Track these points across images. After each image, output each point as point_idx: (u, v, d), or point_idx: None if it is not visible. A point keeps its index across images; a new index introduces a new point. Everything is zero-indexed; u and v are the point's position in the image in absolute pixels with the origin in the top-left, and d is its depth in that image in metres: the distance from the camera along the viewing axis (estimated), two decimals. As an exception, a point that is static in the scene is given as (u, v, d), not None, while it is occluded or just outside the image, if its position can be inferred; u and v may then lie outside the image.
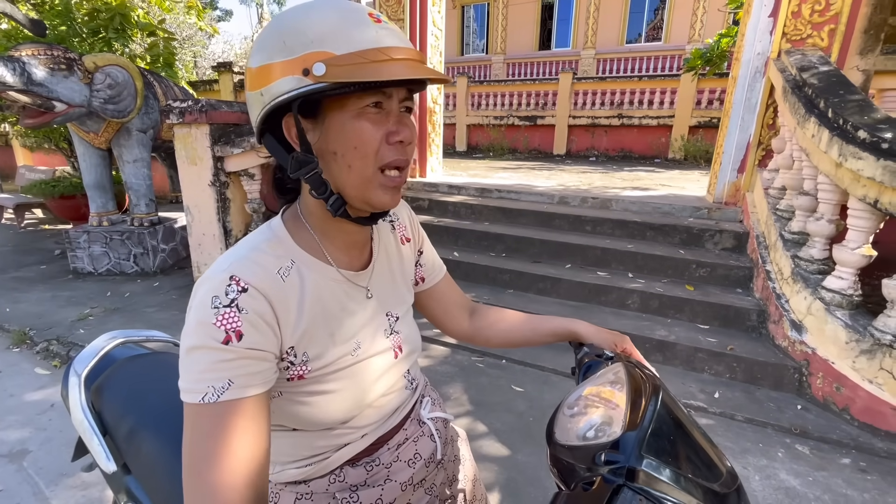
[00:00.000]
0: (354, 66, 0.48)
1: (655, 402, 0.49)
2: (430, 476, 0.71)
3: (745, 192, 3.32)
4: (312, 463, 0.63)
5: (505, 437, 1.96)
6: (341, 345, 0.60)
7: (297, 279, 0.57)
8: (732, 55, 5.07)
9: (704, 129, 7.93)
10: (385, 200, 0.56)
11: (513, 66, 13.38)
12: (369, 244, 0.69)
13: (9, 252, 4.55)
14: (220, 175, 3.40)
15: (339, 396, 0.60)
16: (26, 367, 2.50)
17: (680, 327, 2.64)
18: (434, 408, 0.77)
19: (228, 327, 0.49)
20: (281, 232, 0.60)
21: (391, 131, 0.54)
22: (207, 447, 0.47)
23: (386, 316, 0.68)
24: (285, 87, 0.50)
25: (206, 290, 0.50)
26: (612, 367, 0.60)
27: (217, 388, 0.48)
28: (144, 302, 3.33)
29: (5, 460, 1.81)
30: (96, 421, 0.85)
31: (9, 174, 7.66)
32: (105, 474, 0.84)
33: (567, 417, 0.55)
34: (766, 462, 1.81)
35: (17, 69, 2.92)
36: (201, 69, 12.90)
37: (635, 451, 0.43)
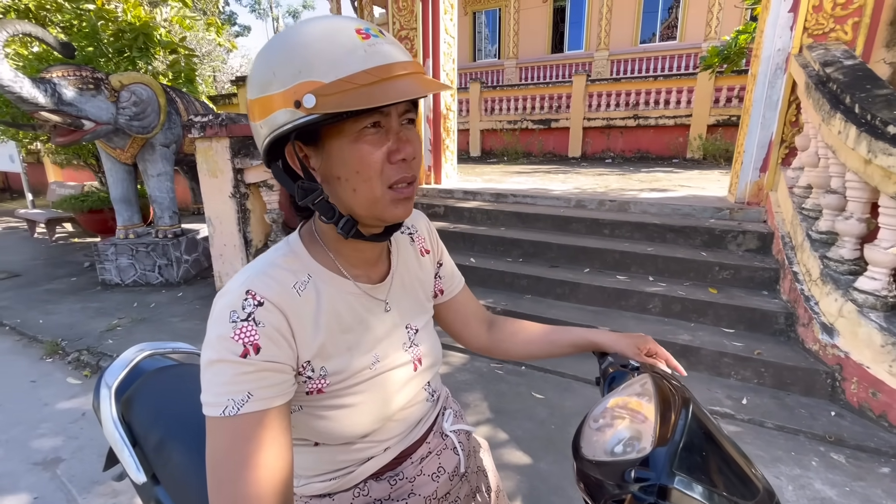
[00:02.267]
0: (344, 93, 0.47)
1: (686, 416, 0.48)
2: (454, 490, 0.70)
3: (768, 191, 3.24)
4: (336, 477, 0.63)
5: (526, 445, 1.93)
6: (359, 358, 0.60)
7: (314, 293, 0.57)
8: (751, 52, 4.96)
9: (723, 127, 7.77)
10: (398, 213, 0.56)
11: (525, 70, 13.36)
12: (386, 257, 0.69)
13: (41, 265, 4.73)
14: (240, 186, 3.48)
15: (360, 410, 0.60)
16: (59, 377, 2.58)
17: (704, 331, 2.57)
18: (456, 420, 0.77)
19: (246, 341, 0.49)
20: (298, 247, 0.60)
21: (392, 150, 0.52)
22: (231, 459, 0.48)
23: (405, 329, 0.68)
24: (281, 120, 0.50)
25: (223, 304, 0.51)
26: (638, 378, 0.59)
27: (237, 401, 0.48)
28: (169, 312, 3.41)
29: (40, 468, 1.87)
30: (126, 432, 0.87)
31: (41, 190, 7.98)
32: (135, 485, 0.86)
33: (593, 430, 0.54)
34: (799, 471, 1.75)
35: (48, 90, 3.05)
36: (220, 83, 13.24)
37: (666, 468, 0.42)
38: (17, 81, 2.87)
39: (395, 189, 0.54)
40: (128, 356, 0.96)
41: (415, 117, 0.56)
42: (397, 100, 0.47)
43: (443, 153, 4.80)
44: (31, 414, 2.24)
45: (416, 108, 0.57)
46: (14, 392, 2.43)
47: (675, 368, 0.73)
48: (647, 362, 0.72)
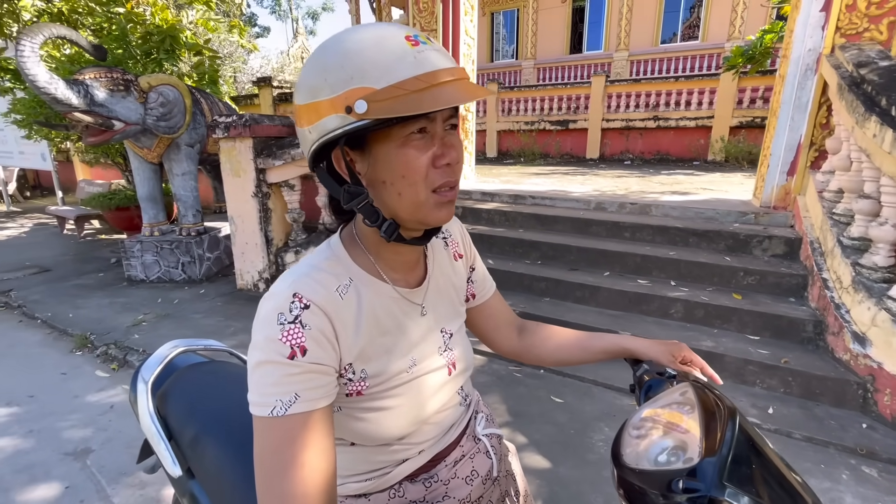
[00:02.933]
0: (394, 99, 0.47)
1: (733, 427, 0.47)
2: (486, 493, 0.71)
3: (795, 195, 3.16)
4: (373, 478, 0.63)
5: (545, 449, 1.92)
6: (397, 361, 0.61)
7: (355, 297, 0.58)
8: (777, 52, 4.84)
9: (747, 129, 7.60)
10: (440, 216, 0.56)
11: (543, 71, 13.28)
12: (423, 261, 0.69)
13: (70, 261, 4.88)
14: (262, 186, 3.54)
15: (396, 413, 0.60)
16: (88, 370, 2.66)
17: (728, 338, 2.52)
18: (488, 424, 0.77)
19: (293, 342, 0.51)
20: (339, 251, 0.61)
21: (437, 155, 0.53)
22: (278, 459, 0.49)
23: (440, 332, 0.68)
24: (331, 126, 0.50)
25: (271, 306, 0.52)
26: (678, 387, 0.58)
27: (285, 402, 0.49)
28: (192, 308, 3.49)
29: (71, 458, 1.93)
30: (162, 426, 0.90)
31: (70, 188, 8.24)
32: (171, 478, 0.88)
33: (633, 438, 0.54)
34: (829, 485, 1.70)
35: (81, 91, 3.15)
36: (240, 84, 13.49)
37: (716, 480, 0.42)
38: (53, 83, 2.97)
39: (439, 193, 0.55)
40: (163, 352, 0.99)
41: (457, 122, 0.56)
42: (445, 105, 0.48)
43: (461, 154, 4.81)
44: (62, 405, 2.31)
45: (458, 114, 0.57)
46: (46, 384, 2.51)
47: (711, 377, 0.72)
48: (683, 370, 0.71)
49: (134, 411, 0.96)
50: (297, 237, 3.73)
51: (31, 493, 1.74)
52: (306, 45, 19.38)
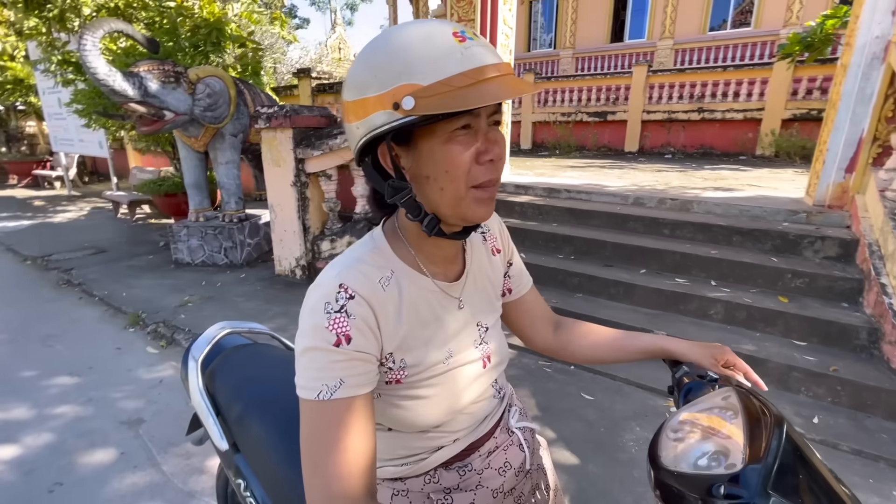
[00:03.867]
0: (441, 95, 0.48)
1: (780, 436, 0.46)
2: (519, 485, 0.72)
3: (854, 194, 2.96)
4: (409, 463, 0.66)
5: (574, 445, 1.91)
6: (434, 353, 0.62)
7: (396, 289, 0.60)
8: (839, 39, 4.51)
9: (801, 122, 7.14)
10: (480, 213, 0.57)
11: (582, 61, 12.91)
12: (462, 256, 0.71)
13: (124, 243, 5.20)
14: (300, 176, 3.64)
15: (432, 402, 0.62)
16: (139, 346, 2.85)
17: (771, 342, 2.41)
18: (522, 418, 0.78)
19: (339, 331, 0.53)
20: (381, 243, 0.63)
21: (481, 151, 0.54)
22: (324, 441, 0.51)
23: (476, 326, 0.69)
24: (378, 122, 0.51)
25: (318, 295, 0.55)
26: (720, 391, 0.57)
27: (330, 387, 0.52)
28: (233, 292, 3.65)
29: (125, 427, 2.08)
30: (210, 403, 0.96)
31: (123, 174, 8.73)
32: (218, 451, 0.94)
33: (671, 441, 0.53)
34: (878, 501, 1.61)
35: (136, 83, 3.33)
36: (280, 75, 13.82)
37: (760, 487, 0.41)
38: (111, 75, 3.15)
39: (480, 189, 0.55)
40: (211, 333, 1.05)
41: (500, 119, 0.57)
42: (491, 101, 0.49)
43: (495, 146, 4.76)
44: (116, 377, 2.49)
45: (501, 110, 0.57)
46: (103, 357, 2.71)
47: (755, 382, 0.70)
48: (726, 374, 0.69)
49: (185, 387, 1.03)
50: (332, 226, 3.82)
51: (92, 457, 1.89)
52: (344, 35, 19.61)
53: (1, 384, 2.41)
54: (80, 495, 1.69)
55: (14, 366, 2.60)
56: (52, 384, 2.42)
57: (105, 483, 1.75)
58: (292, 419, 0.87)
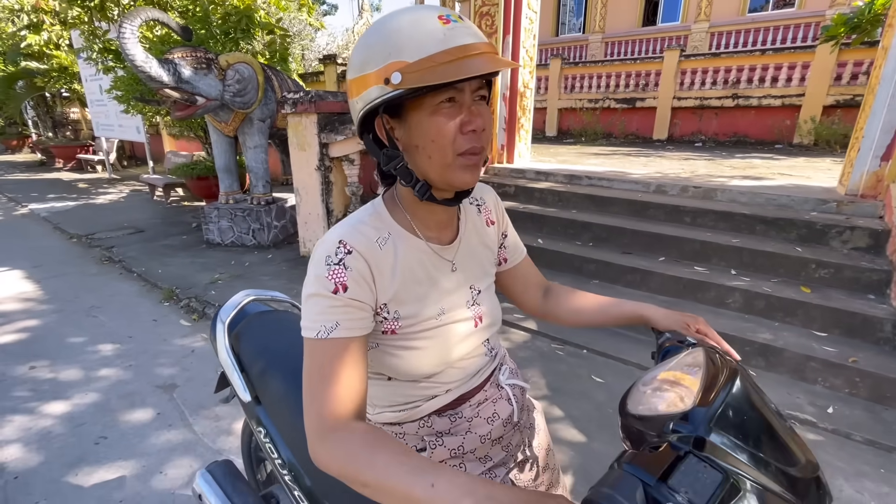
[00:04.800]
0: (425, 70, 0.54)
1: (731, 385, 0.51)
2: (506, 435, 0.78)
3: (889, 183, 2.84)
4: (405, 409, 0.73)
5: (581, 424, 1.96)
6: (427, 308, 0.69)
7: (392, 248, 0.67)
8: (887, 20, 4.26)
9: (844, 108, 6.79)
10: (466, 179, 0.63)
11: (611, 46, 12.55)
12: (456, 223, 0.77)
13: (159, 224, 5.47)
14: (324, 160, 3.75)
15: (425, 353, 0.69)
16: (174, 319, 3.04)
17: (790, 332, 2.38)
18: (512, 376, 0.84)
19: (337, 280, 0.61)
20: (381, 209, 0.70)
21: (464, 122, 0.59)
22: (320, 372, 0.60)
23: (469, 289, 0.76)
24: (373, 95, 0.58)
25: (321, 251, 0.63)
26: (691, 351, 0.62)
27: (327, 328, 0.60)
28: (260, 271, 3.82)
29: (161, 391, 2.26)
30: (236, 360, 1.06)
31: (158, 158, 9.12)
32: (242, 403, 1.04)
33: (641, 393, 0.58)
34: (887, 489, 1.61)
35: (171, 69, 3.48)
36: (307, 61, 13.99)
37: (704, 424, 0.46)
38: (148, 62, 3.31)
39: (465, 157, 0.61)
40: (237, 299, 1.15)
41: (486, 94, 0.63)
42: (469, 75, 0.54)
43: (517, 132, 4.74)
44: (153, 346, 2.67)
45: (489, 87, 0.63)
46: (141, 327, 2.91)
47: (728, 352, 0.73)
48: (703, 340, 0.73)
49: (213, 346, 1.13)
50: (354, 209, 3.92)
51: (132, 415, 2.07)
52: (371, 21, 19.60)
53: (53, 349, 2.63)
54: (121, 448, 1.86)
55: (64, 332, 2.83)
56: (97, 350, 2.62)
57: (143, 439, 1.91)
58: None
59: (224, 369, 1.09)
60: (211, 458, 1.80)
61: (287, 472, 0.93)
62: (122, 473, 1.72)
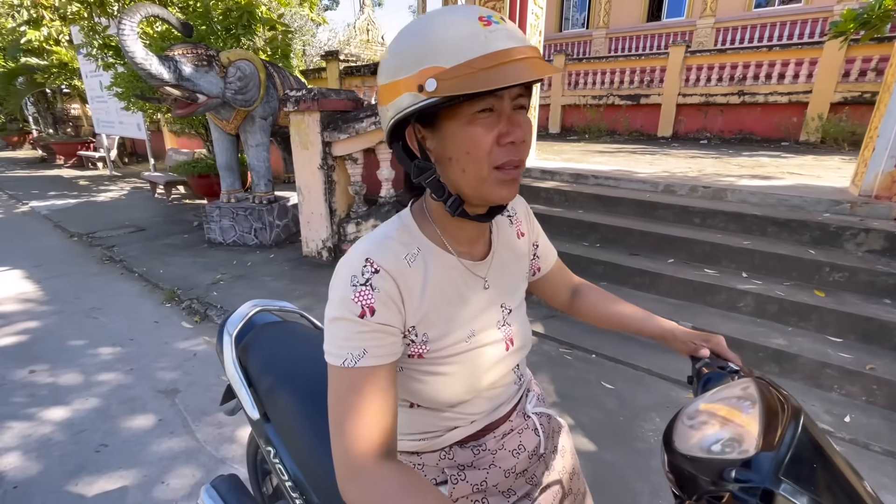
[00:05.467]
0: (462, 77, 0.49)
1: (796, 426, 0.46)
2: (531, 468, 0.74)
3: (905, 184, 2.78)
4: (426, 438, 0.69)
5: (592, 433, 1.92)
6: (457, 331, 0.64)
7: (422, 265, 0.62)
8: (900, 16, 4.18)
9: (852, 105, 6.70)
10: (502, 195, 0.58)
11: (616, 41, 12.43)
12: (488, 237, 0.72)
13: (160, 222, 5.42)
14: (327, 159, 3.69)
15: (453, 380, 0.64)
16: (175, 320, 3.00)
17: (804, 338, 2.33)
18: (538, 403, 0.80)
19: (364, 303, 0.56)
20: (409, 222, 0.65)
21: (502, 133, 0.54)
22: (347, 404, 0.55)
23: (500, 308, 0.71)
24: (405, 103, 0.53)
25: (346, 270, 0.58)
26: (739, 381, 0.57)
27: (355, 355, 0.55)
28: (262, 271, 3.77)
29: (162, 396, 2.21)
30: (243, 374, 1.01)
31: (160, 155, 9.06)
32: (250, 420, 0.99)
33: (687, 427, 0.53)
34: (909, 503, 1.56)
35: (171, 67, 3.42)
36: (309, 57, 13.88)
37: (772, 473, 0.41)
38: (148, 59, 3.25)
39: (502, 170, 0.56)
40: (244, 310, 1.10)
41: (527, 104, 0.57)
42: (510, 83, 0.49)
43: (522, 130, 4.68)
44: (155, 349, 2.63)
45: (529, 94, 0.57)
46: (142, 329, 2.87)
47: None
48: (746, 368, 0.68)
49: (219, 359, 1.09)
50: (357, 209, 3.87)
51: (133, 422, 2.02)
52: (372, 16, 19.44)
53: (53, 351, 2.59)
54: (123, 456, 1.82)
55: (64, 335, 2.79)
56: (97, 353, 2.58)
57: (145, 447, 1.87)
58: (318, 393, 0.91)
59: (231, 383, 1.05)
60: (214, 467, 1.76)
61: (297, 494, 0.89)
62: (123, 483, 1.68)
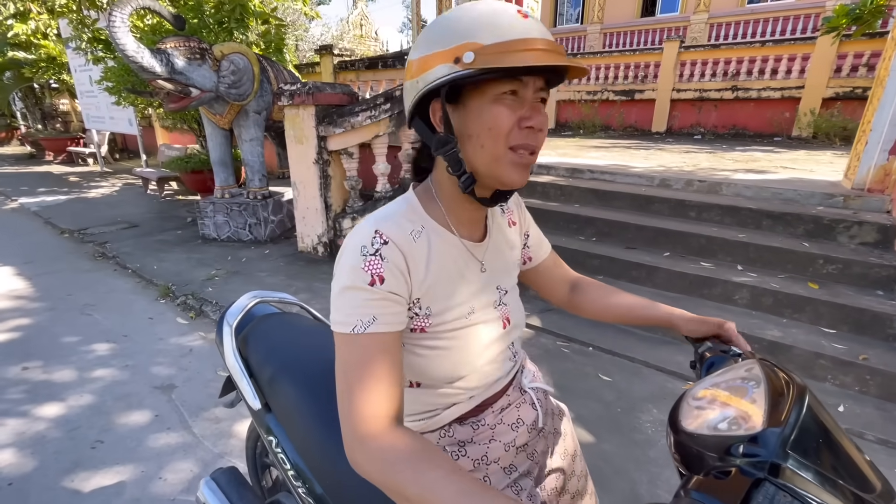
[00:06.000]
0: (498, 54, 0.53)
1: (801, 404, 0.46)
2: (531, 441, 0.76)
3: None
4: (425, 418, 0.70)
5: (590, 424, 1.93)
6: (458, 307, 0.67)
7: (426, 242, 0.65)
8: (890, 11, 4.22)
9: (844, 101, 6.76)
10: (513, 178, 0.61)
11: (610, 37, 12.44)
12: (485, 222, 0.74)
13: (154, 218, 5.37)
14: (323, 153, 3.67)
15: (454, 354, 0.66)
16: (170, 317, 2.97)
17: (798, 329, 2.36)
18: (534, 379, 0.83)
19: (374, 272, 0.58)
20: (414, 202, 0.68)
21: (524, 117, 0.58)
22: (357, 371, 0.56)
23: (496, 289, 0.74)
24: (438, 74, 0.56)
25: (356, 240, 0.60)
26: (744, 363, 0.57)
27: (364, 322, 0.57)
28: (257, 267, 3.75)
29: (158, 391, 2.20)
30: (244, 365, 1.00)
31: (152, 151, 8.96)
32: (251, 410, 0.99)
33: (693, 408, 0.54)
34: (901, 489, 1.59)
35: (163, 60, 3.38)
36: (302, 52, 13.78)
37: (778, 448, 0.42)
38: (139, 52, 3.21)
39: (517, 153, 0.59)
40: (243, 301, 1.09)
41: (546, 97, 0.61)
42: (543, 63, 0.53)
43: (518, 125, 4.68)
44: (150, 346, 2.61)
45: (548, 91, 0.61)
46: (137, 326, 2.84)
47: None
48: (748, 350, 0.69)
49: (219, 351, 1.08)
50: (353, 204, 3.86)
51: (129, 418, 2.01)
52: (366, 11, 19.33)
53: (46, 348, 2.56)
54: (119, 452, 1.80)
55: (57, 331, 2.76)
56: (92, 350, 2.56)
57: (141, 442, 1.86)
58: (319, 383, 0.91)
59: (231, 374, 1.04)
60: (212, 462, 1.75)
61: (300, 483, 0.88)
62: (120, 479, 1.67)
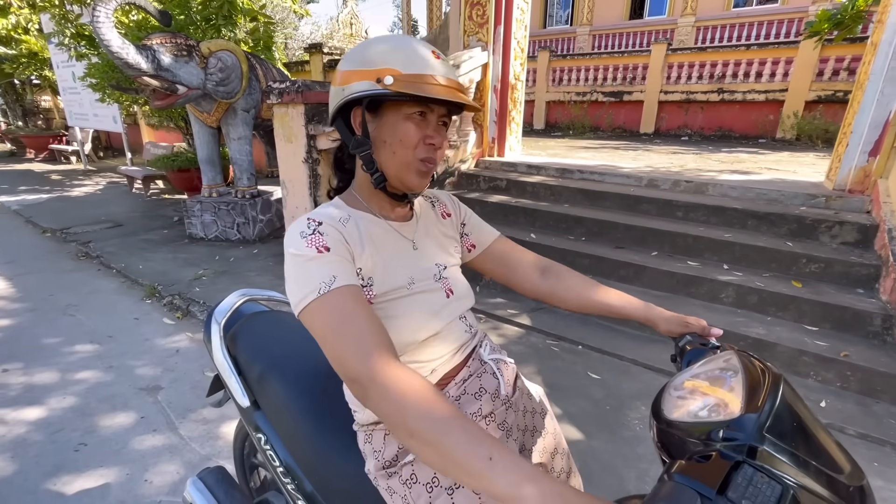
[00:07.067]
0: (413, 83, 0.66)
1: (776, 391, 0.48)
2: (498, 411, 0.78)
3: (876, 178, 2.88)
4: None
5: (579, 421, 1.95)
6: (397, 278, 0.73)
7: (355, 225, 0.73)
8: (871, 16, 4.33)
9: (826, 104, 6.92)
10: (415, 183, 0.73)
11: (599, 38, 12.56)
12: (408, 209, 0.83)
13: (139, 218, 5.28)
14: (312, 152, 3.64)
15: (405, 322, 0.71)
16: (156, 317, 2.93)
17: (782, 327, 2.40)
18: (493, 352, 0.86)
19: (317, 245, 0.65)
20: (337, 201, 0.79)
21: (428, 135, 0.71)
22: (338, 326, 0.58)
23: (435, 265, 0.80)
24: (362, 88, 0.68)
25: (293, 230, 0.67)
26: (722, 354, 0.59)
27: (327, 282, 0.62)
28: (246, 266, 3.71)
29: (144, 393, 2.16)
30: (233, 363, 0.99)
31: (137, 149, 8.82)
32: (240, 408, 0.98)
33: (675, 398, 0.55)
34: (882, 483, 1.63)
35: (149, 56, 3.32)
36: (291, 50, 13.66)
37: (756, 431, 0.43)
38: (125, 48, 3.15)
39: (422, 163, 0.72)
40: (232, 299, 1.08)
41: (448, 122, 0.75)
42: (446, 98, 0.67)
43: (508, 125, 4.69)
44: (135, 346, 2.57)
45: (450, 119, 0.75)
46: (122, 326, 2.79)
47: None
48: (726, 343, 0.71)
49: (207, 349, 1.06)
50: (343, 203, 3.83)
51: (114, 420, 1.97)
52: (355, 10, 19.22)
53: (27, 350, 2.50)
54: (103, 455, 1.77)
55: (38, 333, 2.70)
56: (75, 351, 2.50)
57: (126, 444, 1.83)
58: (308, 379, 0.91)
59: (219, 372, 1.03)
60: (199, 464, 1.73)
61: (289, 480, 0.88)
62: (104, 481, 1.64)
